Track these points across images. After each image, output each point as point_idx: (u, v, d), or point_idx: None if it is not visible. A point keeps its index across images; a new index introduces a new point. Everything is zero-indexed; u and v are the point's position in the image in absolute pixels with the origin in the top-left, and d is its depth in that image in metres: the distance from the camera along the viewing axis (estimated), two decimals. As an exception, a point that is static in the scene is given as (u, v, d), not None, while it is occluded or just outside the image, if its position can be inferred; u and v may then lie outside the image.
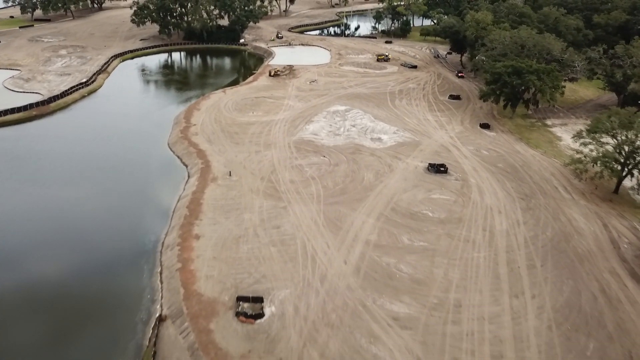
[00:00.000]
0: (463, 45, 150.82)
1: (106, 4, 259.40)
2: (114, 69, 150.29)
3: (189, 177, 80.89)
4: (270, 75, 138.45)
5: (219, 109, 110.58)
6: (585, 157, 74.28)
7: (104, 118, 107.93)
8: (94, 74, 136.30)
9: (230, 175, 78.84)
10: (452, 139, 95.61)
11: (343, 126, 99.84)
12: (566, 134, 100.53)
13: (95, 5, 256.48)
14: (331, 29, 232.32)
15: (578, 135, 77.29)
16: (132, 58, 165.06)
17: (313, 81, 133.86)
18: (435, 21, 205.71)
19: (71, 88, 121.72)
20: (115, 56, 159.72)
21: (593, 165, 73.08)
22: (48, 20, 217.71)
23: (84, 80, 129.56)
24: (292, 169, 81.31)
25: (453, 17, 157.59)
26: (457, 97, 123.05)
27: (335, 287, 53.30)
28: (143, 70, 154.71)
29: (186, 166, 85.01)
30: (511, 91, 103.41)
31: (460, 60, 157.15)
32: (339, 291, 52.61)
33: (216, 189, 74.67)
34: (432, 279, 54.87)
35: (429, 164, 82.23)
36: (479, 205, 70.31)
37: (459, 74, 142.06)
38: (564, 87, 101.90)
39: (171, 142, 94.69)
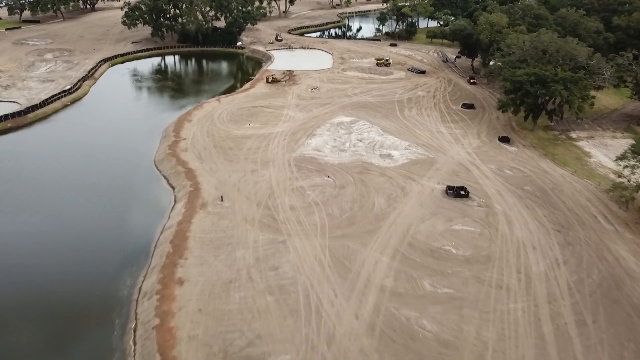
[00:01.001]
0: (474, 49, 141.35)
1: (99, 5, 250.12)
2: (101, 74, 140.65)
3: (175, 202, 71.28)
4: (268, 81, 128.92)
5: (212, 120, 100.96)
6: (629, 182, 64.69)
7: (85, 130, 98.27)
8: (79, 80, 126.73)
9: (222, 200, 69.29)
10: (470, 156, 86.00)
11: (349, 140, 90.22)
12: (595, 149, 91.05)
13: (88, 6, 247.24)
14: (332, 31, 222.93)
15: (622, 157, 67.65)
16: (122, 62, 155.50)
17: (315, 88, 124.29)
18: (441, 23, 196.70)
19: (52, 96, 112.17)
20: (104, 60, 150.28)
21: (641, 192, 63.65)
22: (37, 22, 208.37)
23: (68, 87, 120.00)
24: (292, 192, 71.74)
25: (463, 19, 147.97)
26: (471, 106, 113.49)
27: (346, 351, 43.69)
28: (135, 75, 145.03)
29: (173, 188, 75.39)
30: (533, 102, 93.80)
31: (471, 65, 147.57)
32: (350, 358, 43.00)
33: (205, 217, 65.06)
34: (463, 339, 45.27)
35: (448, 186, 72.66)
36: (508, 239, 60.69)
37: (471, 80, 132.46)
38: (594, 97, 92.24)
39: (158, 159, 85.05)
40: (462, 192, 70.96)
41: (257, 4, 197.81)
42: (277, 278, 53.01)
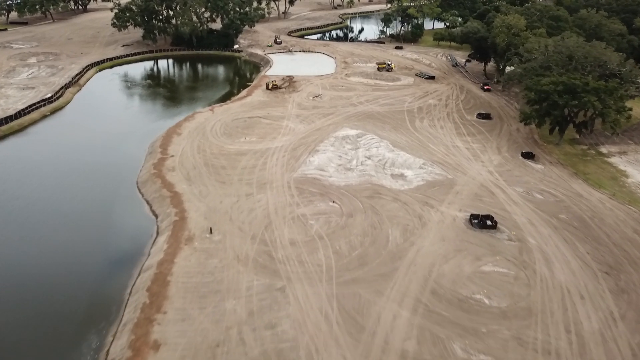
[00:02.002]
0: (487, 53, 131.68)
1: (92, 5, 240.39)
2: (87, 80, 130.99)
3: (157, 234, 61.64)
4: (267, 88, 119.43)
5: (204, 134, 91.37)
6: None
7: (63, 146, 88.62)
8: (62, 87, 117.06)
9: (211, 232, 59.74)
10: (492, 175, 76.46)
11: (356, 157, 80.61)
12: (631, 167, 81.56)
13: (80, 7, 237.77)
14: (334, 33, 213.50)
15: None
16: (111, 67, 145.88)
17: (317, 96, 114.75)
18: (447, 24, 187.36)
19: (30, 106, 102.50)
20: (91, 65, 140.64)
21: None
22: (25, 24, 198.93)
23: (49, 95, 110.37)
24: (292, 221, 62.16)
25: (474, 20, 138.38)
26: (488, 116, 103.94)
27: None
28: (123, 81, 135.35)
29: (156, 217, 65.76)
30: (561, 114, 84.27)
31: (484, 70, 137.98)
32: None
33: (191, 255, 55.47)
34: None
35: (472, 215, 63.12)
36: (550, 285, 51.14)
37: (485, 87, 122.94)
38: (631, 109, 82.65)
39: (141, 180, 75.40)
40: (489, 223, 61.43)
41: (255, 4, 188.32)
42: (275, 340, 43.40)
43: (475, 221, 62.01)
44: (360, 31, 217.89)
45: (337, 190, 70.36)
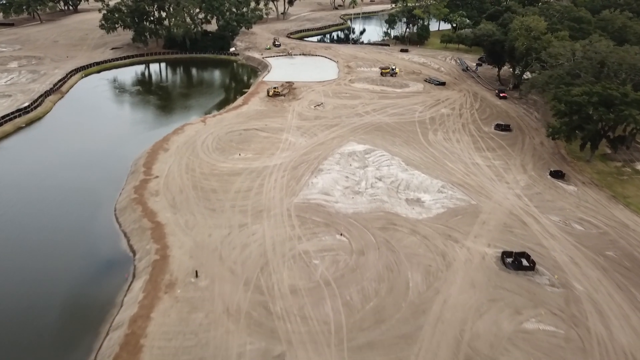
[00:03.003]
0: (501, 58, 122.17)
1: (83, 6, 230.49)
2: (71, 87, 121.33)
3: (133, 278, 52.08)
4: (268, 95, 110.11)
5: (194, 149, 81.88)
6: None
7: (35, 164, 78.85)
8: (42, 95, 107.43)
9: (196, 276, 50.28)
10: (521, 200, 67.03)
11: (365, 178, 71.08)
12: (675, 189, 72.27)
13: (70, 7, 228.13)
14: (335, 34, 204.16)
15: None
16: (99, 72, 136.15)
17: (319, 105, 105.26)
18: (454, 25, 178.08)
19: (3, 117, 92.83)
20: (77, 70, 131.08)
21: None
22: (11, 25, 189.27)
23: (26, 104, 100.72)
24: (293, 261, 52.69)
25: (487, 22, 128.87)
26: (507, 128, 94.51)
27: None
28: (110, 87, 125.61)
29: (134, 253, 56.27)
30: (595, 128, 74.91)
31: (498, 75, 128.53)
32: None
33: (171, 308, 45.95)
34: None
35: (504, 252, 53.75)
36: (609, 349, 41.72)
37: (501, 94, 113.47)
38: (676, 124, 73.32)
39: (120, 207, 65.83)
40: (526, 263, 52.03)
41: (252, 5, 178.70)
42: None
43: (509, 260, 52.62)
44: (362, 32, 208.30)
45: (344, 219, 60.89)
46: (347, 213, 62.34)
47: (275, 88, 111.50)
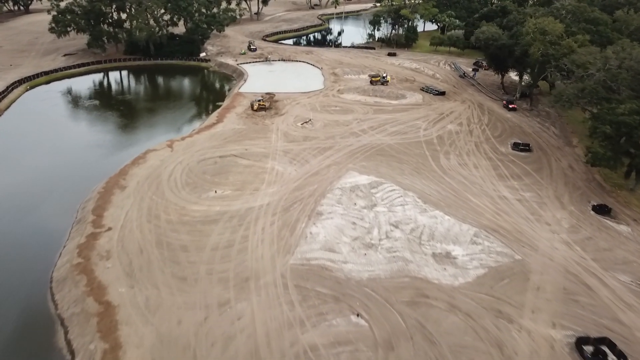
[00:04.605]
0: (506, 63, 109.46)
1: (35, 5, 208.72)
2: (12, 102, 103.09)
3: (68, 403, 36.34)
4: (253, 109, 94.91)
5: (159, 186, 65.91)
6: None
7: (-48, 210, 61.78)
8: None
9: (161, 399, 34.87)
10: (572, 250, 53.75)
11: (376, 225, 56.54)
12: None
13: (21, 8, 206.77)
14: (312, 36, 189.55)
15: None
16: (47, 82, 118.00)
17: (306, 122, 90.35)
18: (440, 25, 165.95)
19: None
20: (21, 81, 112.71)
21: None
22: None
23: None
24: (297, 363, 37.86)
25: (490, 24, 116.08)
26: (527, 148, 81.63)
27: None
28: (58, 103, 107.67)
29: (72, 356, 40.34)
30: (647, 153, 62.47)
31: (501, 83, 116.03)
32: None
33: None
34: None
35: (579, 339, 40.19)
36: None
37: (510, 105, 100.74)
38: None
39: (57, 277, 49.53)
40: (612, 357, 38.46)
41: (224, 5, 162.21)
42: None
43: (590, 351, 39.00)
44: (340, 33, 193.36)
45: (359, 289, 46.33)
46: (362, 279, 47.77)
47: (260, 101, 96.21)
